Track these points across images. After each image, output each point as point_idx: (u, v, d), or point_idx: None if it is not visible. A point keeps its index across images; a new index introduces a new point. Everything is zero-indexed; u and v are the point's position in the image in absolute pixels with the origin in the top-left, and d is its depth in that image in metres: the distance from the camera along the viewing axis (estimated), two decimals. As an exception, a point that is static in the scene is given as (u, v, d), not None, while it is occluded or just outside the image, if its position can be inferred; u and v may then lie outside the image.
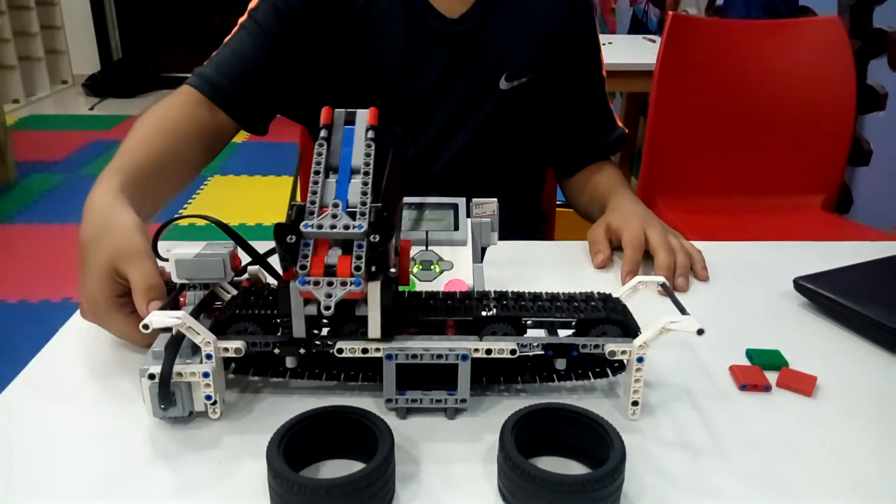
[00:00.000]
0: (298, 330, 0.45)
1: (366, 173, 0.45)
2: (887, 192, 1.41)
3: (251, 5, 0.82)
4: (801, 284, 0.62)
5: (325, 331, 0.46)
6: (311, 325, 0.45)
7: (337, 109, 0.49)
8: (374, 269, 0.42)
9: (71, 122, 3.86)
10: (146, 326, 0.42)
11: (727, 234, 1.34)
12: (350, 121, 0.49)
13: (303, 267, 0.41)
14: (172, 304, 0.48)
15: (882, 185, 1.43)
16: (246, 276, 0.52)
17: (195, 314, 0.46)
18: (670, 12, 1.40)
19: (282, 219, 0.43)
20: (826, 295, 0.60)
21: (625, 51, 2.10)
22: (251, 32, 0.79)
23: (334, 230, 0.42)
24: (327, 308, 0.41)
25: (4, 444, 0.44)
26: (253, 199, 2.80)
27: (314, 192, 0.44)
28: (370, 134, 0.48)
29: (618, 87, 2.24)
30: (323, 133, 0.48)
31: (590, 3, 0.91)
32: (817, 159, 1.46)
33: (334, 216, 0.42)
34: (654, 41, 2.13)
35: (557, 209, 1.21)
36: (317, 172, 0.45)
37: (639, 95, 2.25)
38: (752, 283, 0.67)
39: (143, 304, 0.49)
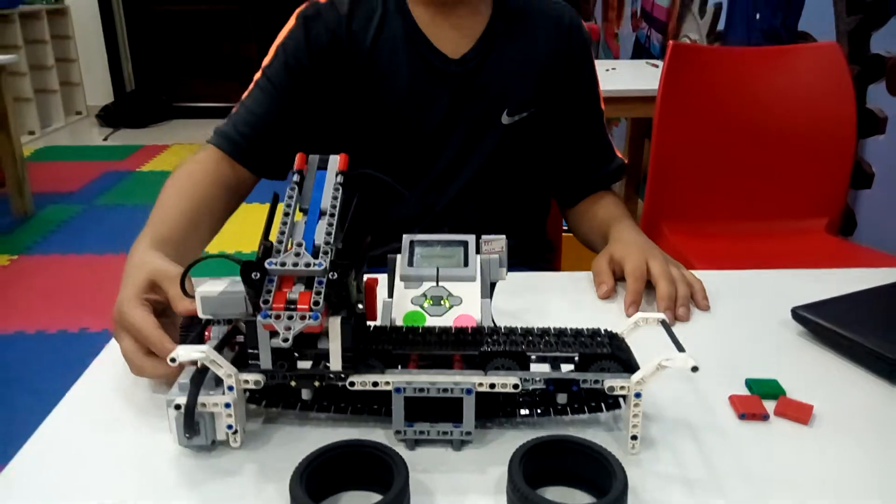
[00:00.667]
0: (265, 361, 0.48)
1: (332, 215, 0.49)
2: (890, 214, 1.42)
3: (264, 62, 0.87)
4: (798, 314, 0.64)
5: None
6: (279, 356, 0.48)
7: (311, 155, 0.54)
8: (334, 302, 0.45)
9: (85, 152, 3.94)
10: (173, 360, 0.45)
11: (732, 258, 1.36)
12: (322, 166, 0.53)
13: (265, 301, 0.44)
14: (198, 339, 0.50)
15: (885, 207, 1.44)
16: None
17: (219, 348, 0.49)
18: (671, 41, 1.43)
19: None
20: (823, 324, 0.62)
21: (628, 76, 2.13)
22: (264, 90, 0.85)
23: (296, 267, 0.45)
24: (285, 340, 0.44)
25: (45, 466, 0.47)
26: (251, 226, 2.84)
27: (282, 233, 0.48)
28: (339, 179, 0.52)
29: (622, 112, 2.28)
30: (296, 178, 0.52)
31: (586, 37, 0.94)
32: (820, 183, 1.48)
33: (297, 254, 0.46)
34: (656, 66, 2.16)
35: (564, 235, 1.23)
36: (286, 214, 0.49)
37: (643, 120, 2.28)
38: (752, 311, 0.69)
39: (179, 307, 0.54)
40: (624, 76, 2.12)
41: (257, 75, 0.87)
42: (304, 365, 0.49)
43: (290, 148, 0.86)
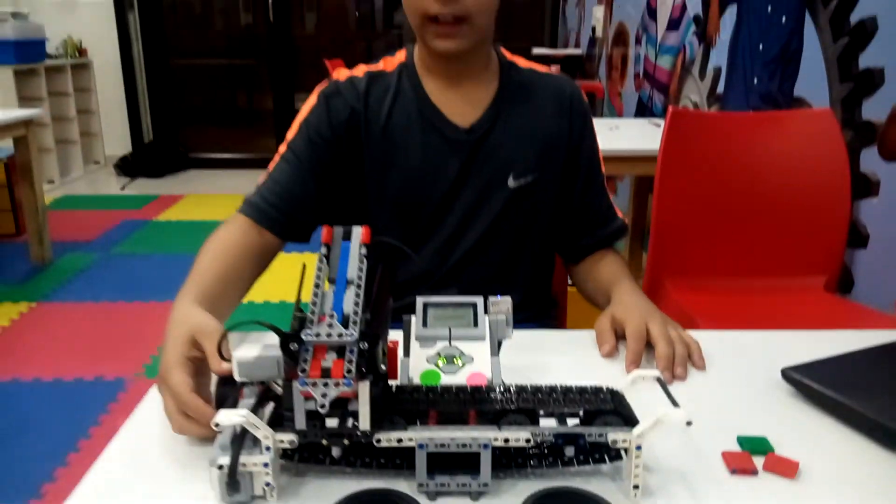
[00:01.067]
0: (299, 422, 0.52)
1: (358, 285, 0.54)
2: (886, 273, 1.47)
3: (288, 137, 0.95)
4: (788, 374, 0.69)
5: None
6: (312, 417, 0.52)
7: (336, 227, 0.58)
8: (363, 370, 0.50)
9: (103, 202, 4.04)
10: (217, 424, 0.50)
11: (734, 314, 1.40)
12: (347, 237, 0.58)
13: (303, 370, 0.49)
14: (234, 402, 0.55)
15: (880, 266, 1.49)
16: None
17: (255, 409, 0.54)
18: (671, 107, 1.50)
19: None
20: (810, 385, 0.67)
21: (631, 135, 2.21)
22: (289, 162, 0.93)
23: (330, 338, 0.50)
24: (322, 406, 0.49)
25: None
26: (275, 276, 2.90)
27: (314, 304, 0.53)
28: (363, 250, 0.57)
29: (626, 170, 2.36)
30: (323, 250, 0.57)
31: (586, 107, 1.01)
32: (818, 242, 1.53)
33: (330, 325, 0.51)
34: (658, 125, 2.24)
35: (569, 290, 1.28)
36: (317, 286, 0.54)
37: (647, 176, 2.35)
38: (746, 371, 0.73)
39: (215, 367, 0.59)
40: (627, 135, 2.20)
41: (282, 148, 0.95)
42: (332, 422, 0.54)
43: (313, 214, 0.93)
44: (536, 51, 4.12)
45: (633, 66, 3.16)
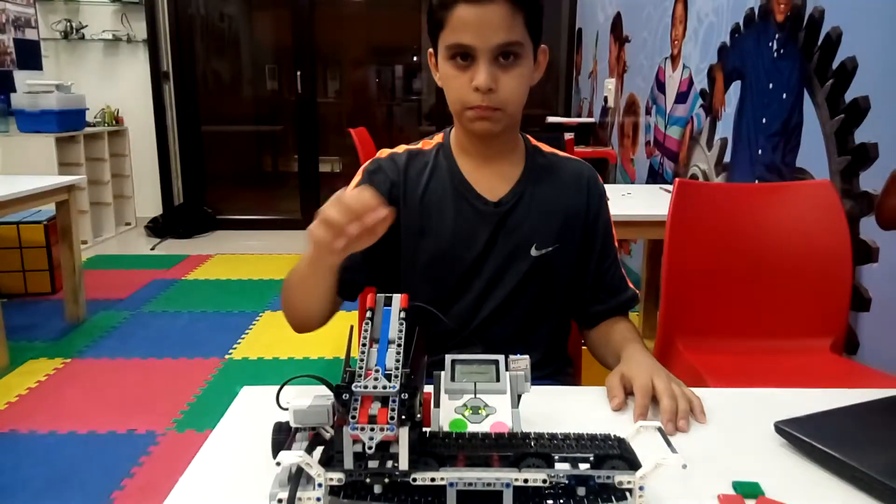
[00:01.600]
0: (348, 463, 0.61)
1: (399, 345, 0.63)
2: (889, 335, 1.53)
3: None
4: (779, 427, 0.76)
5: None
6: (358, 458, 0.61)
7: (378, 294, 0.68)
8: (403, 417, 0.58)
9: (134, 261, 4.20)
10: (278, 463, 0.59)
11: (742, 374, 1.46)
12: (388, 304, 0.68)
13: (353, 417, 0.58)
14: (290, 445, 0.64)
15: (883, 328, 1.56)
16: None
17: (308, 450, 0.63)
18: (677, 179, 1.61)
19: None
20: (799, 437, 0.74)
21: (643, 201, 2.31)
22: None
23: (375, 390, 0.59)
24: (370, 448, 0.57)
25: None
26: (325, 335, 2.99)
27: (362, 360, 0.62)
28: (402, 314, 0.66)
29: (638, 234, 2.45)
30: (368, 314, 0.66)
31: (602, 190, 1.12)
32: (823, 305, 1.60)
33: (376, 379, 0.60)
34: (668, 191, 2.35)
35: (584, 350, 1.36)
36: (363, 345, 0.63)
37: (659, 240, 2.44)
38: (743, 424, 0.80)
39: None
40: (639, 200, 2.30)
41: None
42: (374, 463, 0.62)
43: (363, 277, 1.06)
44: (551, 119, 4.29)
45: (644, 135, 3.30)
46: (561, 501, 0.63)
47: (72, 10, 4.86)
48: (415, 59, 5.40)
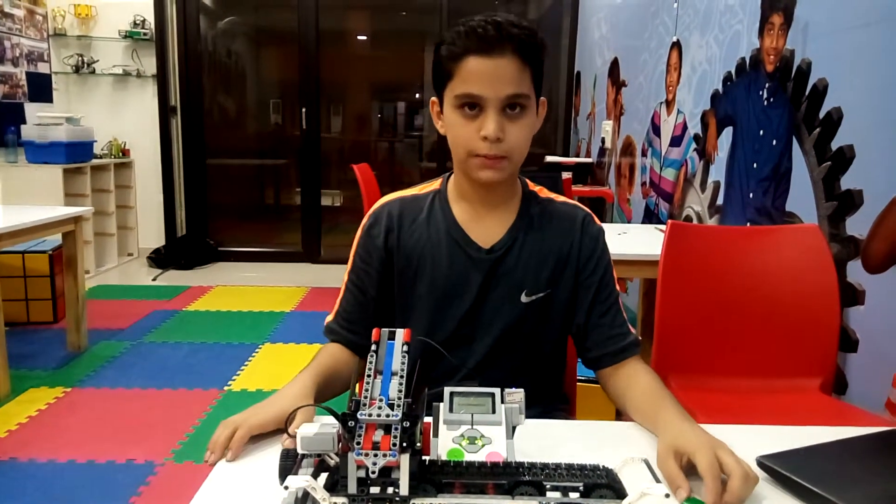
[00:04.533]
0: (351, 487, 0.64)
1: (401, 376, 0.68)
2: (875, 376, 1.57)
3: (348, 267, 1.14)
4: (763, 462, 0.80)
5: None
6: (360, 484, 0.64)
7: (382, 329, 0.73)
8: (405, 444, 0.62)
9: (135, 292, 4.23)
10: (287, 487, 0.62)
11: (732, 411, 1.50)
12: (391, 338, 0.73)
13: (358, 443, 0.62)
14: (297, 470, 0.68)
15: (870, 369, 1.60)
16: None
17: (315, 475, 0.66)
18: (669, 221, 1.66)
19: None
20: (779, 471, 0.78)
21: (638, 240, 2.36)
22: (353, 293, 1.12)
23: (379, 418, 0.63)
24: (373, 472, 0.61)
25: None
26: (301, 365, 3.02)
27: (367, 390, 0.66)
28: (405, 348, 0.71)
29: (634, 273, 2.50)
30: (373, 347, 0.71)
31: (597, 232, 1.11)
32: (811, 347, 1.64)
33: (379, 408, 0.64)
34: (663, 231, 2.40)
35: (578, 384, 1.39)
36: (369, 376, 0.68)
37: (654, 279, 2.49)
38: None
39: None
40: (635, 240, 2.36)
41: (345, 278, 1.14)
42: (375, 489, 0.66)
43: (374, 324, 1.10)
44: (550, 158, 4.38)
45: (640, 176, 3.37)
46: (552, 527, 0.67)
47: (84, 45, 4.99)
48: (417, 96, 5.53)
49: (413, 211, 1.11)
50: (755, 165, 2.17)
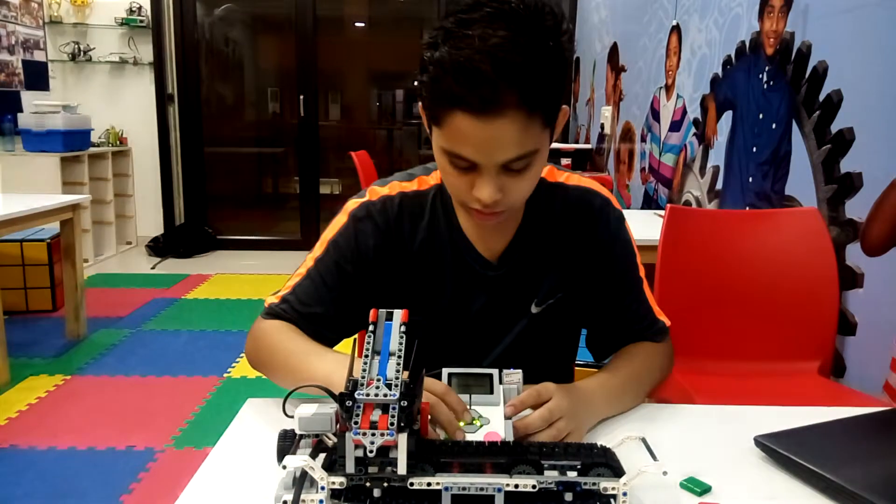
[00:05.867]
0: (349, 467, 0.64)
1: (399, 356, 0.67)
2: (873, 359, 1.57)
3: (316, 252, 0.95)
4: (760, 441, 0.80)
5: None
6: (359, 463, 0.64)
7: (380, 310, 0.71)
8: (403, 424, 0.62)
9: (134, 280, 4.23)
10: (285, 466, 0.62)
11: (731, 394, 1.50)
12: (389, 318, 0.72)
13: (355, 423, 0.62)
14: (295, 450, 0.68)
15: (868, 352, 1.60)
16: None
17: (313, 455, 0.66)
18: (668, 205, 1.66)
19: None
20: (775, 449, 0.78)
21: (637, 226, 2.35)
22: (314, 282, 0.94)
23: (377, 397, 0.63)
24: (371, 452, 0.61)
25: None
26: None
27: (364, 370, 0.66)
28: (402, 328, 0.70)
29: (632, 258, 2.50)
30: (371, 328, 0.70)
31: (615, 217, 0.98)
32: (810, 330, 1.65)
33: (377, 387, 0.64)
34: (662, 216, 2.40)
35: (576, 369, 1.39)
36: (366, 355, 0.67)
37: (653, 265, 2.48)
38: (726, 438, 0.84)
39: None
40: (633, 226, 2.33)
41: (308, 262, 0.95)
42: (373, 468, 0.66)
43: (335, 330, 0.94)
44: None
45: (640, 162, 3.36)
46: (551, 505, 0.67)
47: (80, 32, 4.96)
48: (415, 83, 5.49)
49: (413, 211, 0.95)
50: (754, 149, 2.16)
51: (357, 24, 5.59)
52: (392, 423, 0.62)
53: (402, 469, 0.64)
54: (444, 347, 0.95)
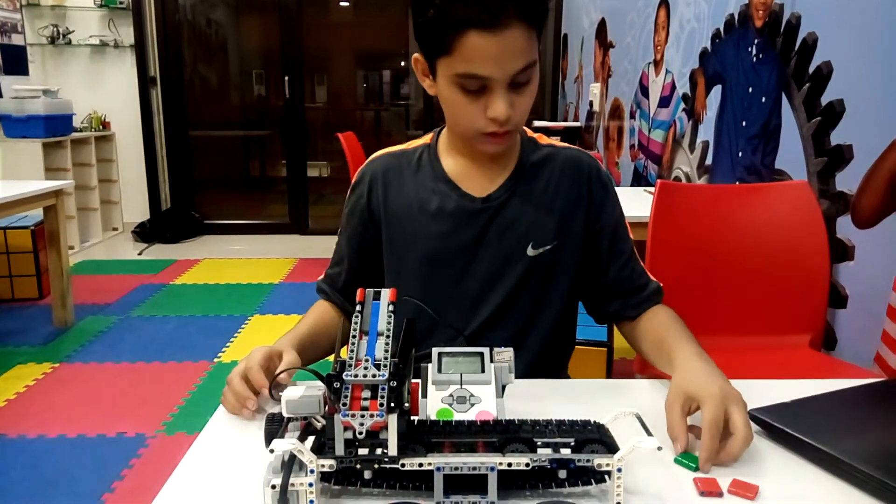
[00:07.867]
0: (339, 449, 0.63)
1: (387, 336, 0.66)
2: (864, 332, 1.57)
3: (341, 226, 1.12)
4: (754, 415, 0.79)
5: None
6: (348, 446, 0.63)
7: (368, 290, 0.70)
8: (392, 405, 0.61)
9: (122, 266, 4.19)
10: (272, 450, 0.61)
11: (723, 369, 1.48)
12: (377, 298, 0.70)
13: (344, 404, 0.60)
14: (283, 433, 0.66)
15: (859, 325, 1.60)
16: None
17: (301, 439, 0.65)
18: (659, 181, 1.64)
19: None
20: (770, 422, 0.77)
21: (627, 202, 2.34)
22: (340, 254, 1.11)
23: (366, 378, 0.62)
24: (360, 433, 0.60)
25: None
26: None
27: (352, 350, 0.64)
28: (390, 308, 0.69)
29: (623, 235, 2.49)
30: (358, 307, 0.68)
31: (605, 179, 1.04)
32: (801, 303, 1.64)
33: (366, 368, 0.62)
34: (651, 193, 2.39)
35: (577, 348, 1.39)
36: (354, 336, 0.66)
37: (643, 241, 2.48)
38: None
39: (259, 378, 0.81)
40: (623, 203, 2.33)
41: (339, 239, 1.12)
42: (363, 451, 0.64)
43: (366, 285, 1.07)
44: (537, 123, 4.34)
45: (629, 138, 3.35)
46: (543, 484, 0.66)
47: (59, 15, 4.86)
48: (402, 64, 5.44)
49: (399, 166, 1.05)
50: (744, 123, 2.15)
51: (342, 4, 5.51)
52: (382, 405, 0.60)
53: (392, 450, 0.63)
54: (445, 287, 1.02)
